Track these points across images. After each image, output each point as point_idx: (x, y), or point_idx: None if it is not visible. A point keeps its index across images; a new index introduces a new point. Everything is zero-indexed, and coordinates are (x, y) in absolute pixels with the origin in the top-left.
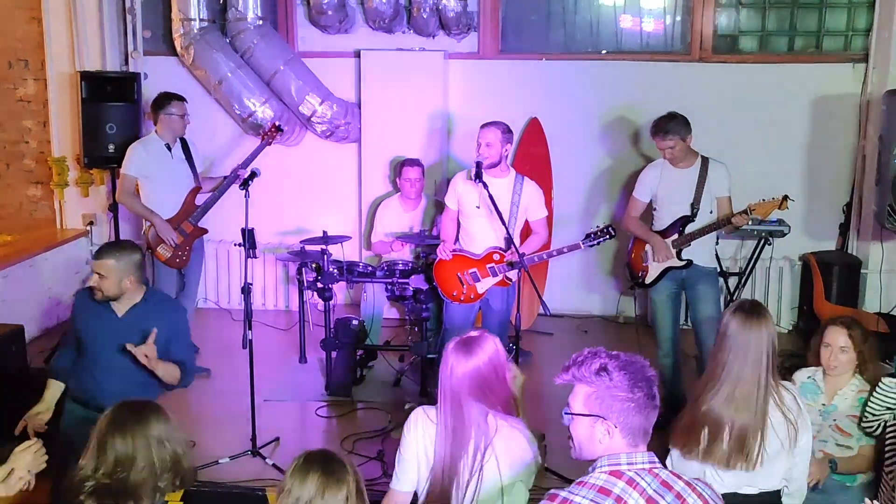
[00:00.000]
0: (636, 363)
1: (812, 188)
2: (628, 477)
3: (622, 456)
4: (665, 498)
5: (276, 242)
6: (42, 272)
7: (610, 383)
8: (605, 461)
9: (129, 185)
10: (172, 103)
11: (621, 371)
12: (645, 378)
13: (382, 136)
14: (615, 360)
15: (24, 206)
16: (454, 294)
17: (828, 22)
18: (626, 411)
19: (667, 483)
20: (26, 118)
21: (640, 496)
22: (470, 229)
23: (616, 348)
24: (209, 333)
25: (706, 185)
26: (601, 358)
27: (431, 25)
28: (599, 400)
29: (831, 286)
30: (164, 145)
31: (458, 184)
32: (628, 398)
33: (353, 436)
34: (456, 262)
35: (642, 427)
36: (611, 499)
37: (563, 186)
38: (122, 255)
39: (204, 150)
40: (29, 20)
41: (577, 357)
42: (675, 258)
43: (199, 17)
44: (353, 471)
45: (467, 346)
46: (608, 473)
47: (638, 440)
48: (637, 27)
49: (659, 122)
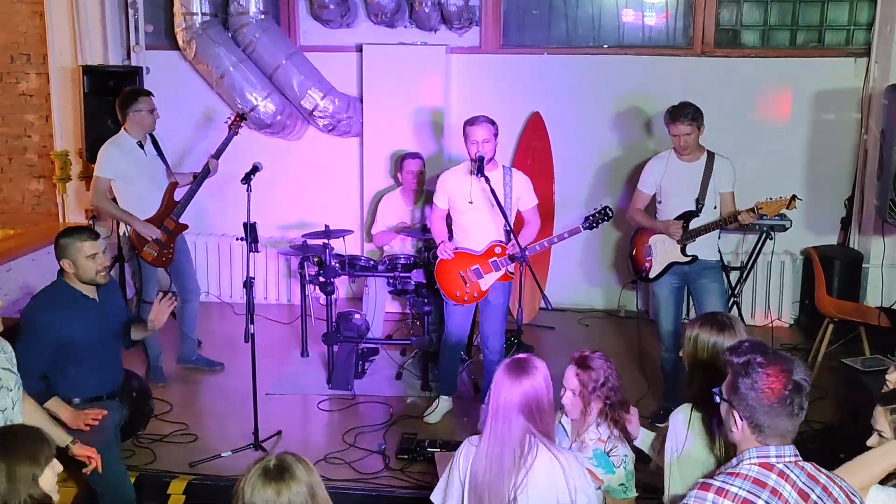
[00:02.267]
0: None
1: (814, 182)
2: (779, 469)
3: (771, 448)
4: (814, 491)
5: (277, 236)
6: (44, 266)
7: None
8: (755, 453)
9: (102, 187)
10: (140, 99)
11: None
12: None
13: (384, 131)
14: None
15: (27, 200)
16: (457, 295)
17: (830, 16)
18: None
19: (813, 476)
20: (28, 112)
21: (793, 489)
22: (464, 224)
23: (617, 343)
24: (211, 327)
25: (712, 180)
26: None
27: (433, 20)
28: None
29: (833, 280)
30: (136, 143)
31: (448, 181)
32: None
33: (354, 429)
34: (458, 260)
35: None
36: (766, 491)
37: (565, 181)
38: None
39: (204, 147)
40: (31, 14)
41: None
42: (679, 253)
43: (201, 11)
44: (308, 471)
45: (521, 366)
46: (759, 465)
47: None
48: (639, 21)
49: (680, 107)
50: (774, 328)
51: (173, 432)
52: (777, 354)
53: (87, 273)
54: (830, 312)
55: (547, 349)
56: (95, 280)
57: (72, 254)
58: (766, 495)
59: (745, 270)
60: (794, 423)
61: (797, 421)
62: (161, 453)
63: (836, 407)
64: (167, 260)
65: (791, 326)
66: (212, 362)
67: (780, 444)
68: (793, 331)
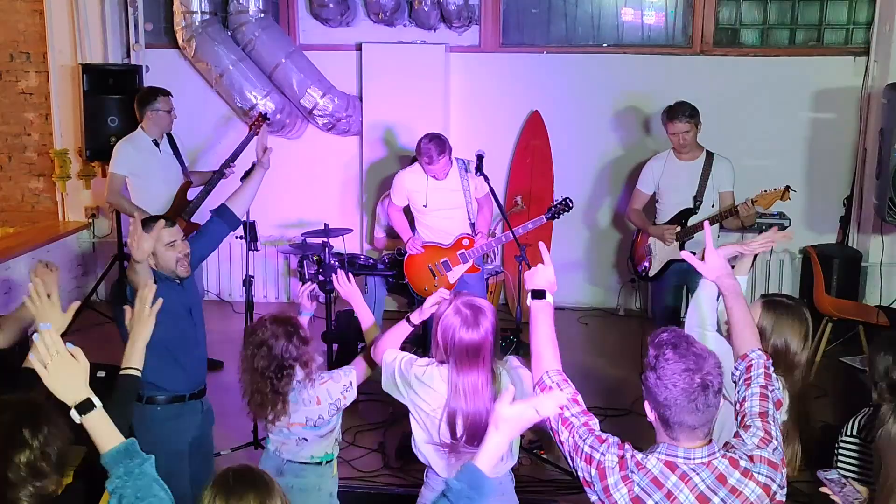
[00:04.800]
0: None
1: (813, 181)
2: (682, 471)
3: (680, 449)
4: (718, 494)
5: (277, 235)
6: None
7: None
8: (664, 449)
9: (117, 183)
10: (158, 98)
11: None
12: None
13: (383, 130)
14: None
15: (26, 198)
16: (425, 289)
17: (829, 15)
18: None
19: (723, 476)
20: (28, 111)
21: (691, 492)
22: (433, 224)
23: (616, 341)
24: (211, 326)
25: (710, 179)
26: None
27: (433, 18)
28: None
29: (832, 279)
30: (152, 141)
31: (406, 181)
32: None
33: (353, 428)
34: (426, 253)
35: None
36: (661, 492)
37: (564, 179)
38: None
39: (205, 144)
40: (31, 13)
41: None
42: (678, 251)
43: (200, 9)
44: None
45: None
46: (664, 463)
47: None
48: (638, 20)
49: (676, 106)
50: None
51: None
52: (689, 350)
53: (168, 263)
54: (829, 311)
55: None
56: (176, 271)
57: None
58: (659, 496)
59: None
60: (703, 419)
61: (706, 417)
62: None
63: (834, 406)
64: None
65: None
66: (213, 361)
67: (690, 441)
68: None
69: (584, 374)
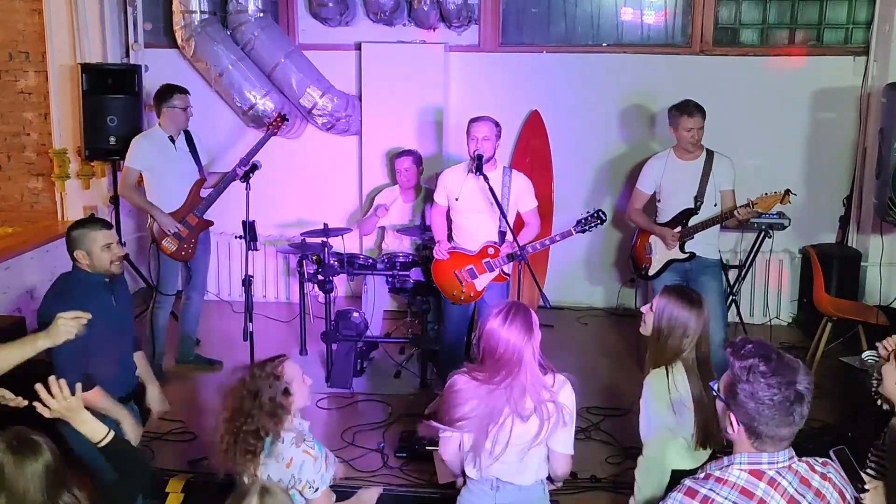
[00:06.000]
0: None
1: (812, 181)
2: (770, 477)
3: (764, 455)
4: (806, 497)
5: (276, 235)
6: (43, 264)
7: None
8: (746, 458)
9: (131, 178)
10: (175, 96)
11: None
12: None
13: (383, 129)
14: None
15: (25, 198)
16: (454, 294)
17: (828, 15)
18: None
19: (806, 480)
20: (27, 110)
21: (782, 497)
22: (463, 225)
23: (616, 341)
24: (211, 325)
25: (711, 178)
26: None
27: (432, 18)
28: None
29: (831, 279)
30: (168, 138)
31: (446, 178)
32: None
33: (353, 428)
34: (452, 260)
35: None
36: (754, 502)
37: (564, 179)
38: None
39: (205, 143)
40: (30, 12)
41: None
42: (678, 250)
43: (199, 9)
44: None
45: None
46: (749, 472)
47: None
48: (638, 20)
49: (687, 102)
50: (773, 327)
51: (172, 430)
52: (780, 361)
53: (102, 263)
54: (829, 311)
55: (546, 348)
56: (110, 270)
57: (86, 244)
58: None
59: (744, 269)
60: (794, 431)
61: (797, 428)
62: (160, 451)
63: (834, 405)
64: (187, 254)
65: (789, 325)
66: (211, 361)
67: (775, 451)
68: (791, 329)
69: (584, 374)
